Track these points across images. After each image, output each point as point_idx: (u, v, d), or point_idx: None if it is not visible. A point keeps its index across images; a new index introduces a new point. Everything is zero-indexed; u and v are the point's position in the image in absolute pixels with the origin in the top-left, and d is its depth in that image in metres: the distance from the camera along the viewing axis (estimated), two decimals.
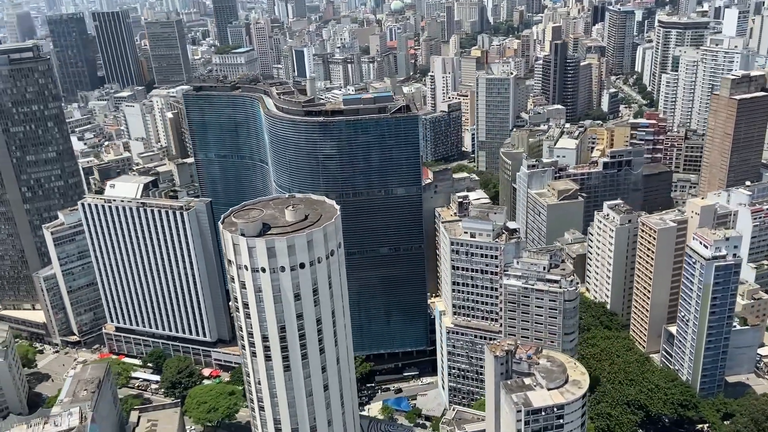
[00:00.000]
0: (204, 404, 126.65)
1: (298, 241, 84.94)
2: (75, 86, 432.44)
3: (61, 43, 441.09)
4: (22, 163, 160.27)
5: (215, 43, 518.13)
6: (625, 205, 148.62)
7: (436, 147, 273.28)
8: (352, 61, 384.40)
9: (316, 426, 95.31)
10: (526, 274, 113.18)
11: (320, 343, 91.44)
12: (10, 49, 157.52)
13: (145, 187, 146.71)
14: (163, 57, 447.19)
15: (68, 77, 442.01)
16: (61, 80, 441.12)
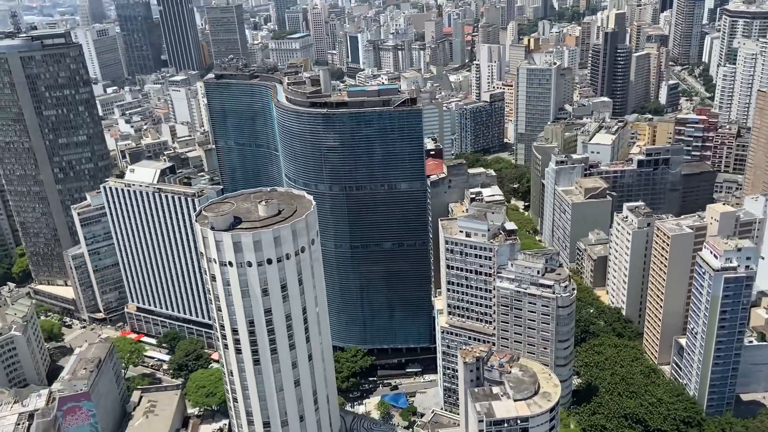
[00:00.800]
0: (203, 388, 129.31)
1: (264, 236, 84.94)
2: (140, 69, 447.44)
3: (127, 27, 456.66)
4: (54, 145, 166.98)
5: (275, 28, 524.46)
6: (645, 208, 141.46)
7: (476, 138, 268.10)
8: (403, 47, 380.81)
9: (288, 420, 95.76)
10: (519, 277, 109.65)
11: (290, 339, 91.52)
12: (43, 35, 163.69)
13: (162, 173, 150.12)
14: (222, 41, 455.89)
15: (133, 60, 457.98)
16: (127, 63, 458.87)
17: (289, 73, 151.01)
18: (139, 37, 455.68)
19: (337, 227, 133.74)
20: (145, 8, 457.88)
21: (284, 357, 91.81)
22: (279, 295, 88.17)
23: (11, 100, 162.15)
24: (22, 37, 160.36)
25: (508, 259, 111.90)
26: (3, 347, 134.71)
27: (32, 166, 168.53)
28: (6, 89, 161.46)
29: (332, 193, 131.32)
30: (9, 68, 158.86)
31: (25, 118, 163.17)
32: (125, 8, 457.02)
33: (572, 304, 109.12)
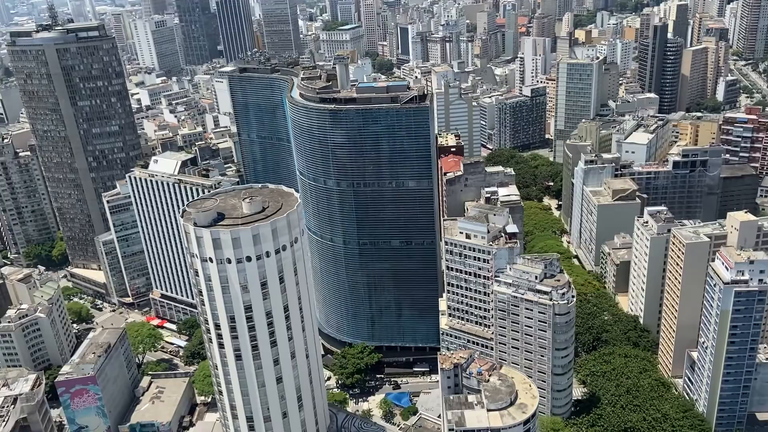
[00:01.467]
0: (209, 377, 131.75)
1: (243, 234, 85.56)
2: (196, 60, 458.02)
3: (185, 18, 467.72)
4: (88, 134, 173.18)
5: (329, 20, 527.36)
6: (667, 213, 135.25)
7: (515, 133, 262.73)
8: (451, 39, 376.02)
9: (270, 416, 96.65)
10: (517, 282, 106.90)
11: (271, 337, 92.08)
12: (78, 28, 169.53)
13: (183, 164, 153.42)
14: (275, 32, 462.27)
15: (191, 51, 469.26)
16: (185, 53, 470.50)
17: (307, 67, 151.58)
18: (197, 27, 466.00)
19: (346, 224, 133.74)
20: None
21: (265, 354, 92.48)
22: (259, 293, 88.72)
23: (48, 90, 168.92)
24: (58, 30, 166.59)
25: (507, 263, 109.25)
26: (27, 328, 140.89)
27: (68, 154, 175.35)
28: (43, 80, 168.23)
29: (340, 189, 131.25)
30: (46, 60, 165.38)
31: (61, 108, 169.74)
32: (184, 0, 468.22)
33: (570, 312, 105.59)
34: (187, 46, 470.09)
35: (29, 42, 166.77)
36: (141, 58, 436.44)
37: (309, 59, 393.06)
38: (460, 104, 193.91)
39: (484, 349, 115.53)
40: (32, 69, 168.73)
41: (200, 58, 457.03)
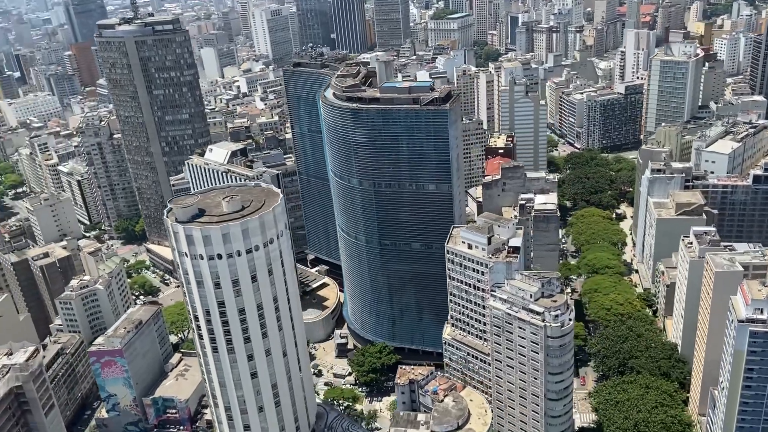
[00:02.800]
0: None
1: (213, 233, 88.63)
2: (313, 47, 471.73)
3: (302, 6, 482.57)
4: (162, 121, 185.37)
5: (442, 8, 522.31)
6: (715, 234, 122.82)
7: (605, 133, 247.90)
8: (558, 29, 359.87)
9: (246, 410, 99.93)
10: (512, 299, 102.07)
11: (244, 333, 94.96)
12: (155, 22, 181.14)
13: (233, 154, 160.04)
14: (385, 21, 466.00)
15: (306, 39, 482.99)
16: (301, 41, 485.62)
17: (351, 64, 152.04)
18: (312, 16, 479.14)
19: (368, 223, 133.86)
20: None
21: (239, 349, 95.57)
22: (231, 290, 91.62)
23: (128, 79, 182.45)
24: (137, 23, 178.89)
25: (505, 277, 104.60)
26: (86, 298, 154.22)
27: (145, 138, 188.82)
28: (125, 69, 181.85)
29: (362, 188, 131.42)
30: (126, 51, 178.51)
31: (139, 96, 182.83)
32: None
33: (566, 336, 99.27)
34: (302, 35, 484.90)
35: (113, 34, 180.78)
36: (257, 45, 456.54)
37: (409, 48, 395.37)
38: (525, 103, 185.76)
39: (483, 365, 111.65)
40: (116, 59, 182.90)
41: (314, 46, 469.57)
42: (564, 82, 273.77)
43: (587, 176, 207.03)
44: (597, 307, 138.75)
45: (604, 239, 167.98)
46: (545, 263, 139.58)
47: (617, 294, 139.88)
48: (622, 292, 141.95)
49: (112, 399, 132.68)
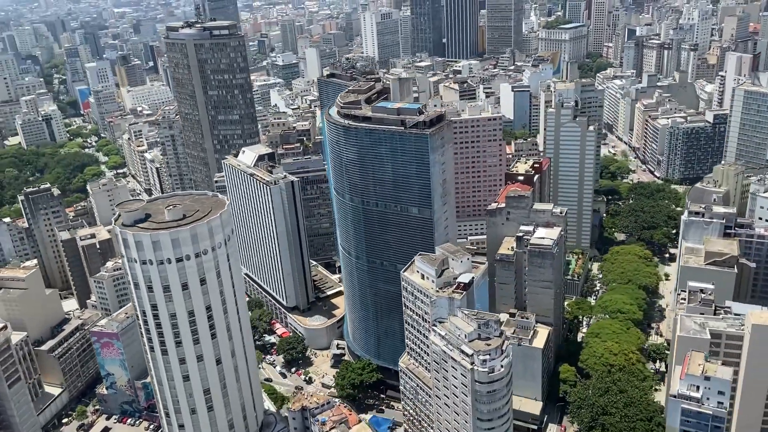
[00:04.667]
0: None
1: (144, 239, 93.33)
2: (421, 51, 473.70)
3: (416, 10, 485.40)
4: (215, 120, 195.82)
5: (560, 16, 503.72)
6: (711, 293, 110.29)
7: (687, 163, 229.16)
8: (669, 46, 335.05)
9: (180, 409, 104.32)
10: (449, 336, 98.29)
11: (176, 337, 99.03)
12: (213, 26, 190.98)
13: (260, 158, 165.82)
14: (497, 28, 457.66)
15: (417, 43, 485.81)
16: (412, 45, 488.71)
17: (371, 78, 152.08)
18: (425, 20, 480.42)
19: (357, 240, 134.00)
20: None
21: (171, 352, 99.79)
22: (162, 295, 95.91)
23: (188, 79, 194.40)
24: (197, 27, 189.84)
25: (448, 313, 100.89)
26: (117, 279, 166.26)
27: (200, 135, 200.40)
28: (186, 69, 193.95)
29: (353, 205, 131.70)
30: (187, 53, 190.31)
31: (196, 95, 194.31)
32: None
33: (496, 382, 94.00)
34: (414, 38, 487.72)
35: (176, 36, 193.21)
36: (365, 47, 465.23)
37: (508, 58, 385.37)
38: (571, 128, 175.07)
39: (429, 399, 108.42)
40: (178, 60, 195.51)
41: (423, 50, 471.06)
42: (654, 104, 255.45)
43: (643, 209, 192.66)
44: (589, 353, 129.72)
45: (633, 281, 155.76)
46: (539, 301, 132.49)
47: (615, 342, 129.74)
48: (624, 341, 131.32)
49: (110, 378, 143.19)
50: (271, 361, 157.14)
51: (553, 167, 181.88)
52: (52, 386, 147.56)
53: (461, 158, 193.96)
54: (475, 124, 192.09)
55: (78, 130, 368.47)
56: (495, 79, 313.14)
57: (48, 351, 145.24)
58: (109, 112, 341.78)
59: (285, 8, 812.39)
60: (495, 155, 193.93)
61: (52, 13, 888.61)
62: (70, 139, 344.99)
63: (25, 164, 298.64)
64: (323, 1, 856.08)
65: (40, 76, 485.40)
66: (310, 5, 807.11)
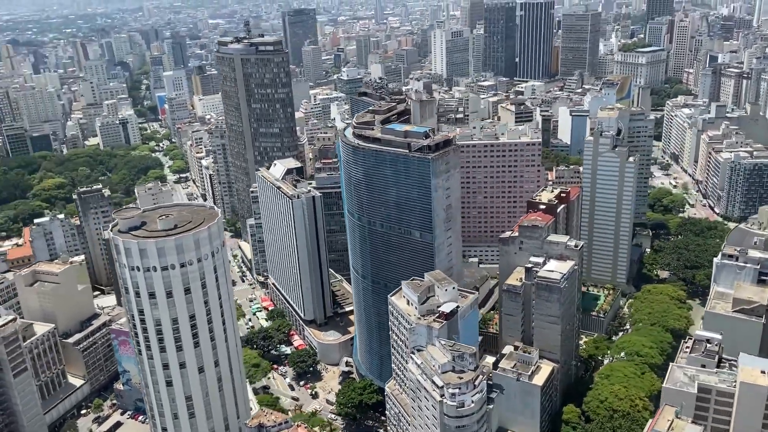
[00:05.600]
0: None
1: (132, 246, 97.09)
2: (491, 70, 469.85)
3: (490, 29, 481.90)
4: (256, 132, 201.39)
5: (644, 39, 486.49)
6: (717, 344, 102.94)
7: (747, 201, 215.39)
8: (749, 76, 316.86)
9: (164, 412, 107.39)
10: (424, 366, 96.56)
11: (160, 343, 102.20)
12: (259, 42, 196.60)
13: (288, 171, 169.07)
14: (571, 50, 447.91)
15: (489, 62, 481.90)
16: (483, 63, 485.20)
17: (396, 98, 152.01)
18: (498, 39, 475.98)
19: (364, 259, 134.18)
20: (508, 12, 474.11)
21: (156, 357, 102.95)
22: (147, 301, 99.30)
23: (234, 91, 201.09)
24: (245, 42, 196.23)
25: (427, 341, 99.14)
26: None
27: (242, 146, 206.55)
28: (233, 82, 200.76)
29: (360, 224, 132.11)
30: (234, 66, 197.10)
31: (241, 108, 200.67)
32: (493, 12, 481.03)
33: (465, 417, 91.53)
34: (485, 57, 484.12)
35: (226, 50, 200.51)
36: (434, 64, 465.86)
37: (576, 80, 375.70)
38: (610, 158, 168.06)
39: (409, 426, 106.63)
40: (227, 73, 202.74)
41: (494, 69, 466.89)
42: (720, 136, 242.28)
43: (688, 247, 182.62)
44: (593, 396, 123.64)
45: (661, 323, 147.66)
46: (546, 336, 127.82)
47: (623, 387, 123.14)
48: (634, 386, 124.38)
49: (126, 374, 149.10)
50: (283, 372, 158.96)
51: (590, 197, 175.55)
52: (76, 377, 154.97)
53: (497, 182, 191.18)
54: (513, 149, 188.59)
55: (152, 134, 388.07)
56: (556, 102, 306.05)
57: (74, 344, 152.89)
58: (181, 119, 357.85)
59: (368, 23, 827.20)
60: (532, 181, 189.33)
61: (153, 22, 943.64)
62: (143, 143, 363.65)
63: (97, 164, 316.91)
64: (405, 17, 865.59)
65: (128, 82, 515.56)
66: (393, 21, 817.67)
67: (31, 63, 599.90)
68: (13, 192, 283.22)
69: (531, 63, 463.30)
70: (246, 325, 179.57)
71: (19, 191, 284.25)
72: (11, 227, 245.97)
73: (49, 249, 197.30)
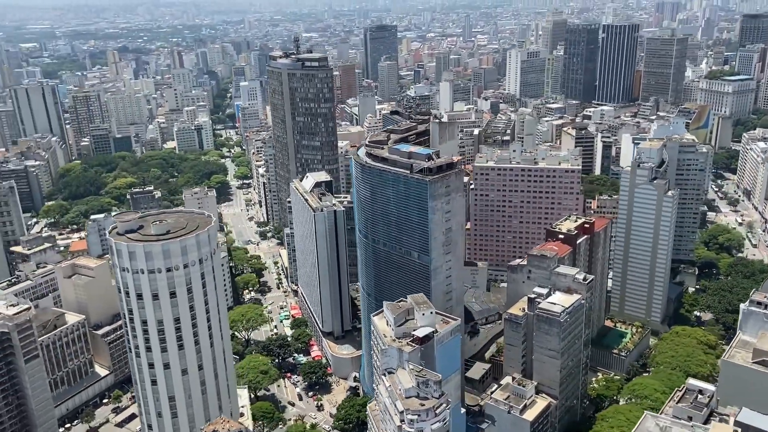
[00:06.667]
0: (241, 369, 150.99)
1: (122, 247, 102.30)
2: (568, 92, 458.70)
3: (570, 50, 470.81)
4: (299, 145, 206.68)
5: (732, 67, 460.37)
6: (712, 396, 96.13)
7: None
8: None
9: (149, 410, 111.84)
10: (390, 389, 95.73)
11: (147, 342, 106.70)
12: (305, 58, 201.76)
13: (316, 185, 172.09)
14: (654, 74, 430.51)
15: (567, 83, 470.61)
16: (561, 85, 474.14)
17: (421, 119, 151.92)
18: (577, 61, 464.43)
19: (368, 277, 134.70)
20: (590, 34, 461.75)
21: (142, 356, 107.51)
22: (135, 302, 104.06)
23: (281, 104, 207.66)
24: (292, 58, 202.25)
25: (398, 364, 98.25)
26: None
27: (286, 156, 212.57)
28: (280, 96, 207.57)
29: (366, 240, 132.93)
30: (281, 80, 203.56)
31: (286, 120, 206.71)
32: (574, 33, 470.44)
33: None
34: (564, 79, 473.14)
35: (275, 65, 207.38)
36: (508, 84, 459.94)
37: (651, 107, 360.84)
38: (646, 190, 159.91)
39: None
40: (275, 86, 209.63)
41: (572, 91, 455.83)
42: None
43: (732, 289, 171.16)
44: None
45: (681, 367, 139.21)
46: (545, 370, 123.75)
47: (621, 431, 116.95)
48: None
49: None
50: (295, 381, 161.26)
51: (625, 231, 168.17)
52: (102, 368, 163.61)
53: (534, 208, 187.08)
54: (551, 174, 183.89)
55: (225, 141, 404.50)
56: (622, 128, 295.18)
57: (102, 335, 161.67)
58: (251, 128, 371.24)
59: (456, 40, 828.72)
60: (570, 209, 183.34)
61: (251, 34, 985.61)
62: (216, 149, 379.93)
63: (169, 166, 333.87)
64: (494, 35, 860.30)
65: (215, 90, 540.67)
66: (481, 39, 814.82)
67: (132, 69, 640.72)
68: (89, 188, 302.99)
69: (610, 87, 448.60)
70: (271, 332, 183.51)
71: (94, 188, 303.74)
72: (81, 221, 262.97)
73: (102, 244, 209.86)
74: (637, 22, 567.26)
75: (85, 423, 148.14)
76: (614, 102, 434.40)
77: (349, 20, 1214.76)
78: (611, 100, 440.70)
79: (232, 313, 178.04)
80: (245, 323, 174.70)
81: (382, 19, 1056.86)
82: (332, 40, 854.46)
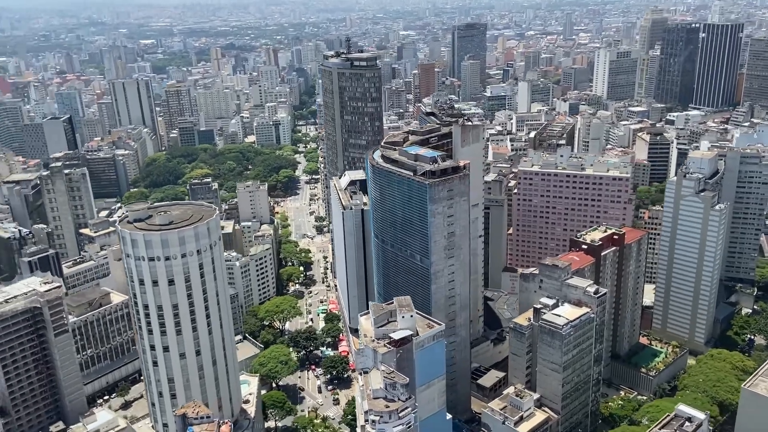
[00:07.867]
0: (263, 358, 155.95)
1: (127, 235, 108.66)
2: (663, 93, 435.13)
3: (667, 50, 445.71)
4: (347, 143, 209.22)
5: None
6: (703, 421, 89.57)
7: None
8: None
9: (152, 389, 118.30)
10: (362, 389, 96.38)
11: (148, 326, 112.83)
12: (354, 58, 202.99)
13: (351, 182, 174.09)
14: (757, 77, 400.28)
15: (662, 85, 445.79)
16: (656, 87, 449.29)
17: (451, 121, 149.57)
18: (674, 62, 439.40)
19: (378, 277, 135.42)
20: (690, 34, 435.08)
21: (145, 338, 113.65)
22: (138, 287, 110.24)
23: (331, 102, 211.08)
24: (342, 57, 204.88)
25: (373, 365, 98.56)
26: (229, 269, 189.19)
27: (335, 154, 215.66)
28: (330, 94, 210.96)
29: (376, 242, 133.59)
30: (332, 79, 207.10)
31: (335, 118, 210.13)
32: (671, 32, 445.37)
33: None
34: (659, 80, 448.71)
35: (326, 64, 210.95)
36: (595, 86, 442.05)
37: (745, 112, 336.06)
38: (692, 202, 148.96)
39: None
40: (327, 85, 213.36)
41: (667, 93, 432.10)
42: None
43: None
44: None
45: (709, 393, 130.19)
46: (547, 382, 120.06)
47: None
48: None
49: None
50: (318, 374, 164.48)
51: (669, 245, 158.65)
52: None
53: (579, 216, 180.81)
54: (598, 182, 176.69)
55: (301, 136, 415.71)
56: (705, 135, 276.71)
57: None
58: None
59: (555, 38, 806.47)
60: (618, 218, 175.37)
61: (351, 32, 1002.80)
62: (293, 144, 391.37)
63: (244, 159, 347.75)
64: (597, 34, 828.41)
65: (302, 87, 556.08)
66: (583, 37, 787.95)
67: (231, 65, 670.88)
68: (169, 178, 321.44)
69: (709, 89, 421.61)
70: (306, 324, 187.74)
71: (173, 177, 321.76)
72: None
73: None
74: (743, 21, 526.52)
75: (120, 396, 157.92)
76: (713, 106, 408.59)
77: (450, 18, 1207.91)
78: (710, 104, 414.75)
79: (268, 304, 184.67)
80: (279, 314, 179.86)
81: (483, 17, 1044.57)
82: (428, 38, 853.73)
